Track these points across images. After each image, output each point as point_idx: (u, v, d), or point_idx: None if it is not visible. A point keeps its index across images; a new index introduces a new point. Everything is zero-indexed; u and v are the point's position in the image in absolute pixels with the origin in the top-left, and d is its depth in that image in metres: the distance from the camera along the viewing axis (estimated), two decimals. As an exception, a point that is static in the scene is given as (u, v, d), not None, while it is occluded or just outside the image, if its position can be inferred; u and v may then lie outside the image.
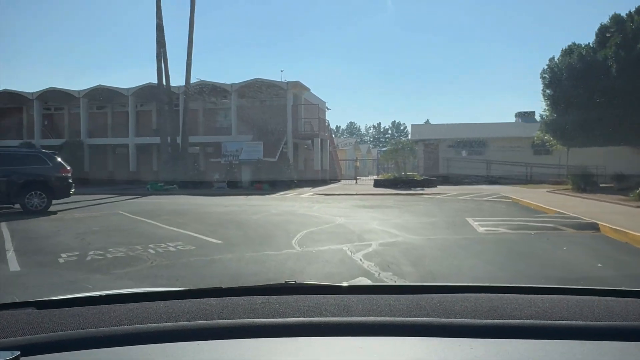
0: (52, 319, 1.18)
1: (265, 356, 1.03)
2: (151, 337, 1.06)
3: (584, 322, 1.13)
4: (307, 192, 22.75)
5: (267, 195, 21.27)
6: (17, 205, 13.60)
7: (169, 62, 27.63)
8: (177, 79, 30.01)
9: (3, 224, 11.03)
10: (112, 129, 35.37)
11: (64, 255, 6.93)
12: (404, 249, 7.36)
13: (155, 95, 29.35)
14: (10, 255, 7.07)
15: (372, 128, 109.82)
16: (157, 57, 26.87)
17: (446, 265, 6.39)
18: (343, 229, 9.63)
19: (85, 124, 34.20)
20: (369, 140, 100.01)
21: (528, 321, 1.13)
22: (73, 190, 14.26)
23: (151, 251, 7.24)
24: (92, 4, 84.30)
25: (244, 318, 1.18)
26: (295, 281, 1.53)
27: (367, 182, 33.23)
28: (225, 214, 13.03)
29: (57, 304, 1.35)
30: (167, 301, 1.34)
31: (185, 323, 1.14)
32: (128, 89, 33.47)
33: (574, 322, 1.13)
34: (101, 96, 34.31)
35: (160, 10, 26.89)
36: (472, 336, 1.06)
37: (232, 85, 32.26)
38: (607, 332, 1.07)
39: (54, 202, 14.05)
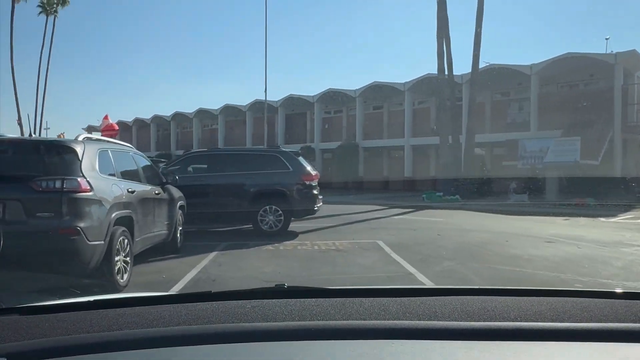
0: (39, 324, 1.16)
1: None
2: (140, 343, 1.04)
3: (571, 323, 1.14)
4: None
5: (599, 218, 13.60)
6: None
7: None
8: (458, 68, 24.54)
9: (212, 255, 7.42)
10: (388, 129, 32.24)
11: None
12: None
13: (435, 86, 24.47)
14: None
15: None
16: (437, 36, 21.81)
17: None
18: None
19: (360, 125, 32.00)
20: None
21: (516, 323, 1.13)
22: (319, 205, 10.15)
23: None
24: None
25: (234, 322, 1.18)
26: (285, 284, 1.47)
27: None
28: (562, 267, 6.69)
29: (42, 310, 1.31)
30: (156, 306, 1.31)
31: (175, 328, 1.12)
32: (404, 84, 29.70)
33: (561, 324, 1.13)
34: (376, 94, 31.57)
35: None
36: (461, 338, 1.06)
37: (531, 66, 24.86)
38: (593, 334, 1.07)
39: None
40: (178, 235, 7.73)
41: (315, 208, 10.00)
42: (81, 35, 75.28)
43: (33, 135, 4.82)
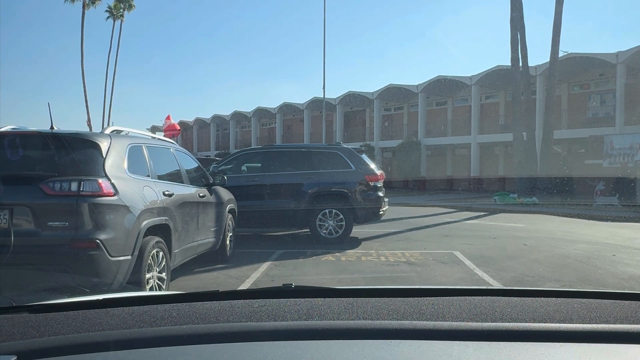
0: (49, 322, 1.15)
1: None
2: (149, 341, 1.03)
3: (579, 324, 1.11)
4: None
5: None
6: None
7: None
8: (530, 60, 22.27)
9: (264, 266, 6.52)
10: (452, 126, 30.44)
11: None
12: None
13: (507, 78, 22.58)
14: None
15: None
16: (510, 21, 19.93)
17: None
18: None
19: (422, 122, 30.37)
20: None
21: (524, 324, 1.10)
22: (385, 209, 9.01)
23: None
24: None
25: (241, 321, 1.16)
26: (292, 284, 1.45)
27: None
28: None
29: (52, 308, 1.29)
30: (164, 305, 1.29)
31: (183, 327, 1.11)
32: (471, 77, 27.85)
33: (569, 325, 1.09)
34: (440, 89, 29.84)
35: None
36: (469, 339, 1.04)
37: (617, 54, 22.36)
38: (602, 335, 1.05)
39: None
40: (227, 242, 6.87)
41: (381, 212, 8.88)
42: (145, 37, 77.86)
43: (55, 128, 3.98)
